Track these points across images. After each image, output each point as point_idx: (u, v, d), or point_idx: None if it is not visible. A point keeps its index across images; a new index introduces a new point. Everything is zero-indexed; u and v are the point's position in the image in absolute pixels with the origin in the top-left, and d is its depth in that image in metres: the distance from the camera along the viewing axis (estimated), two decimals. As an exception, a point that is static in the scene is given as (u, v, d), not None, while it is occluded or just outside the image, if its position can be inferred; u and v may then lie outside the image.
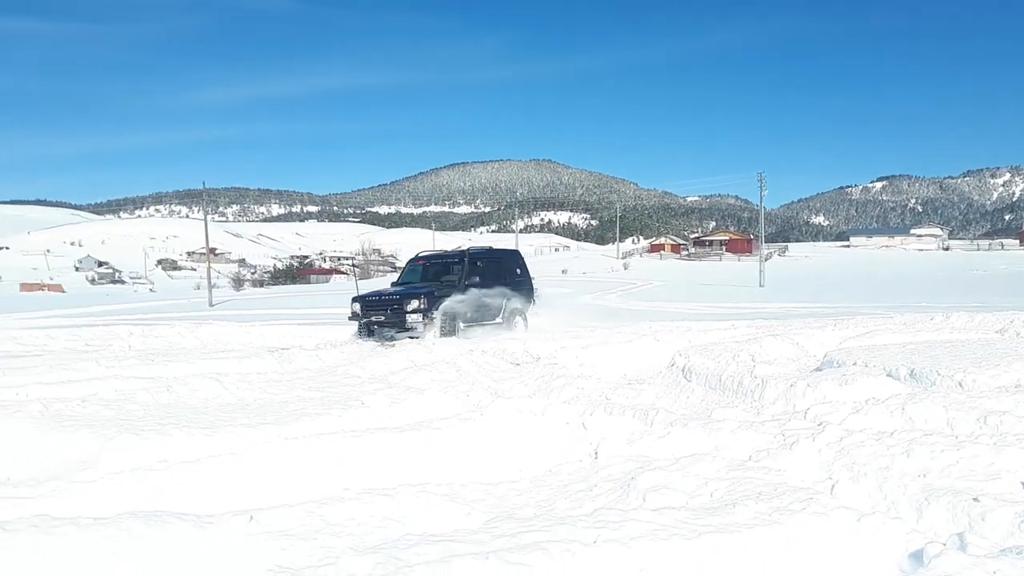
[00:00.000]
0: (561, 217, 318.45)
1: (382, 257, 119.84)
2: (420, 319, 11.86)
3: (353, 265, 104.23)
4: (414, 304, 11.89)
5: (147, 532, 2.84)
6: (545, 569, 2.37)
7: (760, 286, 40.45)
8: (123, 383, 6.21)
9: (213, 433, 4.33)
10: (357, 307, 12.60)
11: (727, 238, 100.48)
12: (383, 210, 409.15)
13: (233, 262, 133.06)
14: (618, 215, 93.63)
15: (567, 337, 14.21)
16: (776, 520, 2.76)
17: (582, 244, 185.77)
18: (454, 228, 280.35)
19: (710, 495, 3.20)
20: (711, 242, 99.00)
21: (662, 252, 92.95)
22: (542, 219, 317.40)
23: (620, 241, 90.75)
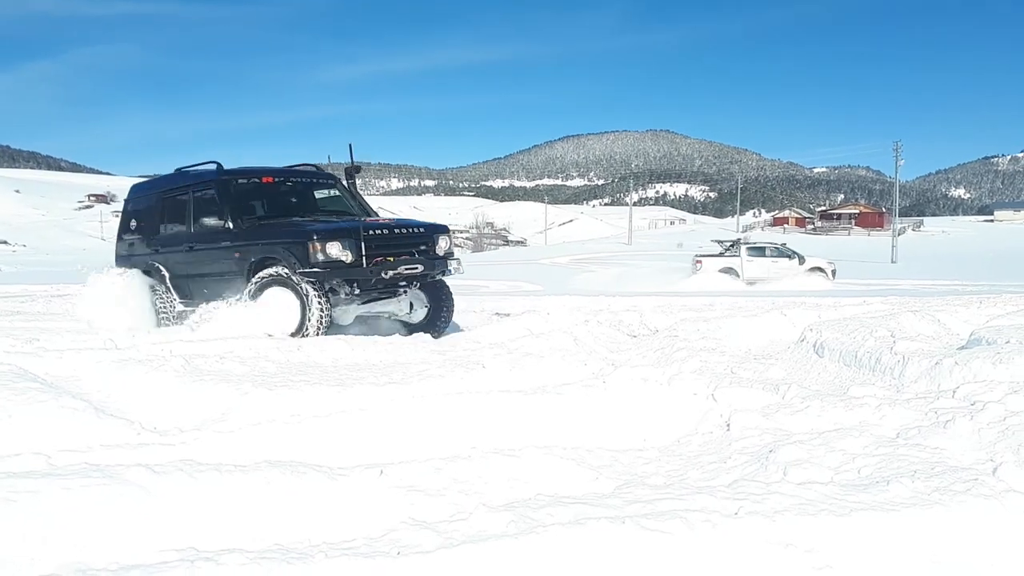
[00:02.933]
0: (678, 189, 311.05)
1: (495, 230, 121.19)
2: None
3: (467, 238, 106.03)
4: None
5: (284, 480, 2.92)
6: (684, 538, 2.25)
7: (892, 262, 38.19)
8: (257, 342, 6.51)
9: (343, 390, 4.45)
10: None
11: (856, 211, 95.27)
12: (497, 183, 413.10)
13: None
14: (738, 187, 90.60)
15: (685, 310, 13.86)
16: (938, 500, 2.52)
17: (700, 217, 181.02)
18: (566, 201, 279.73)
19: (858, 471, 2.97)
20: (839, 215, 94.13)
21: (785, 226, 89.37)
22: (657, 191, 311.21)
23: (740, 214, 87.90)
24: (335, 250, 7.52)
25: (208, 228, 8.54)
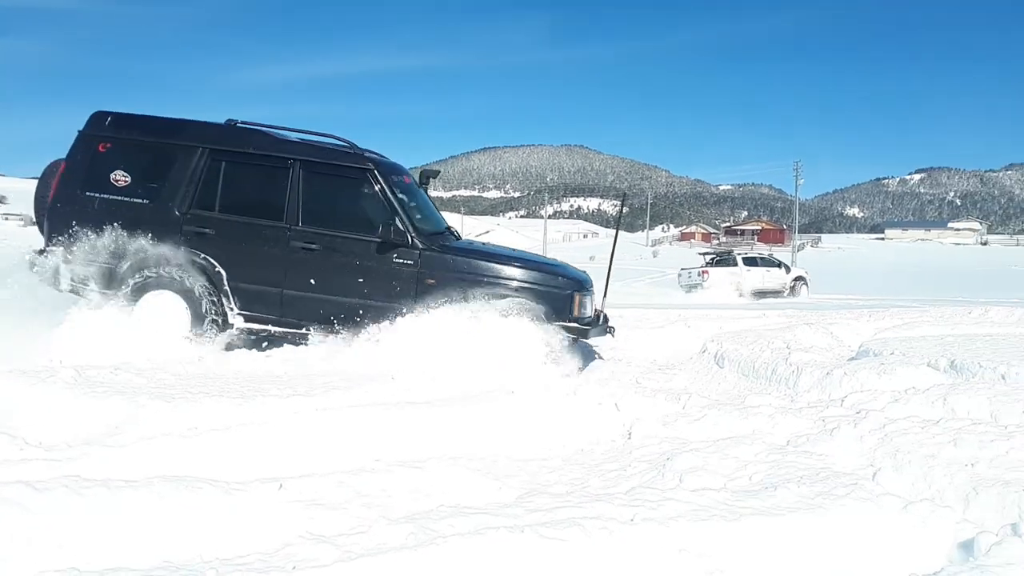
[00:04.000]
0: (591, 203, 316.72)
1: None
2: None
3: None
4: None
5: (177, 495, 2.82)
6: (581, 545, 2.30)
7: (792, 277, 39.82)
8: (156, 353, 6.24)
9: (244, 403, 4.32)
10: None
11: (759, 228, 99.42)
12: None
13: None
14: (648, 202, 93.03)
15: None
16: (820, 504, 2.66)
17: (612, 231, 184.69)
18: (483, 212, 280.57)
19: (749, 478, 3.10)
20: (743, 231, 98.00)
21: (692, 241, 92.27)
22: (572, 205, 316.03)
23: (650, 229, 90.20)
24: (588, 308, 6.87)
25: (355, 229, 6.56)
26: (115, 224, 6.48)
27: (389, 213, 6.48)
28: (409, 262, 6.43)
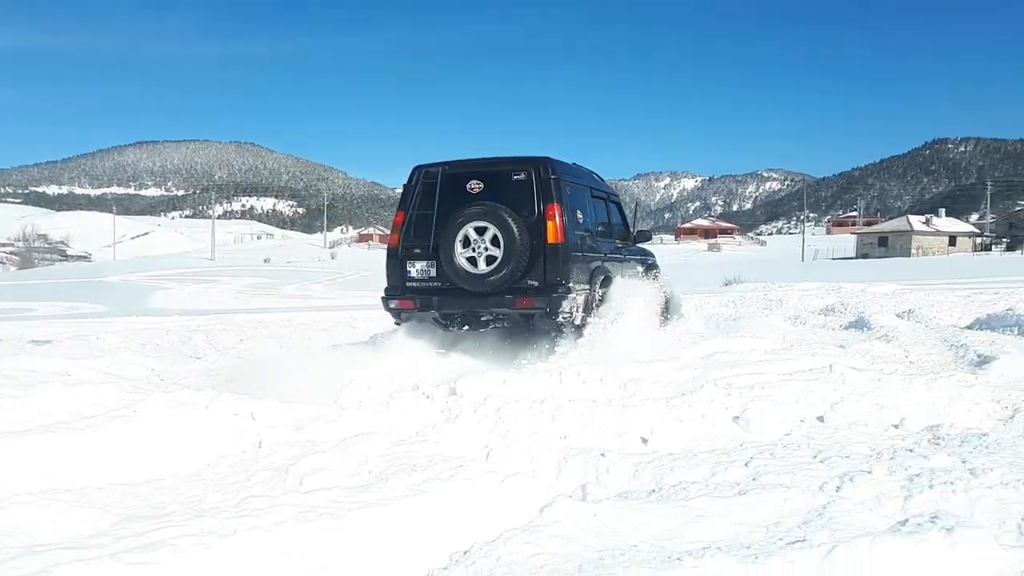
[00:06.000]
0: (265, 204, 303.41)
1: (50, 244, 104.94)
2: None
3: (11, 253, 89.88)
4: None
5: None
6: (173, 566, 2.19)
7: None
8: None
9: None
10: None
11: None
12: (52, 190, 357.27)
13: None
14: (325, 204, 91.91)
15: (262, 327, 13.61)
16: (425, 489, 2.86)
17: (288, 232, 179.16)
18: (141, 212, 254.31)
19: (369, 472, 3.23)
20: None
21: (370, 242, 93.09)
22: (244, 205, 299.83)
23: (328, 230, 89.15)
24: None
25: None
26: None
27: None
28: None
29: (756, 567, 2.12)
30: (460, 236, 6.19)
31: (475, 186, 6.44)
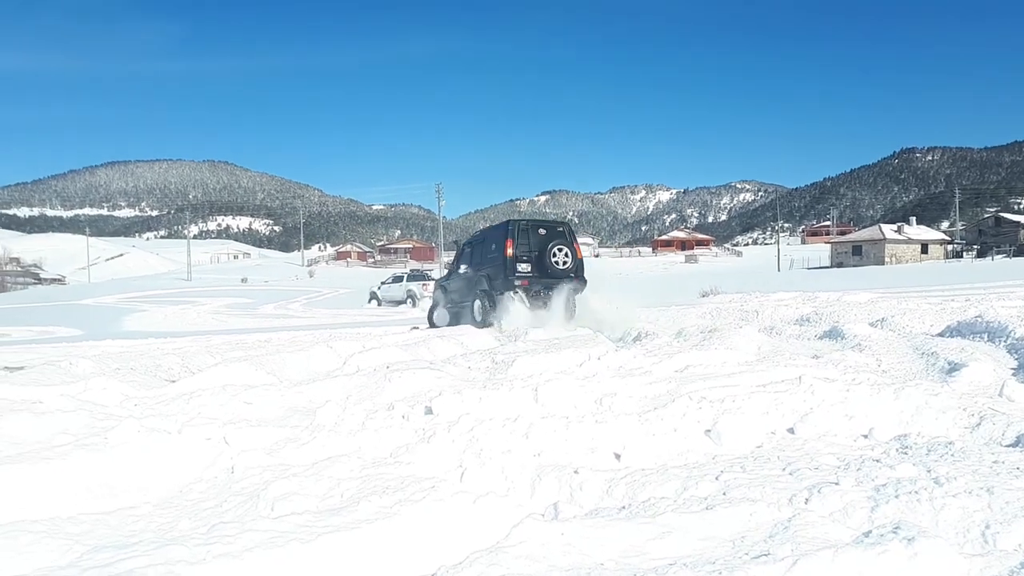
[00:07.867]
0: (241, 222, 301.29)
1: (22, 267, 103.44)
2: None
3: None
4: None
5: None
6: (139, 597, 2.18)
7: (439, 291, 42.22)
8: None
9: None
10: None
11: (411, 246, 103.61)
12: (23, 212, 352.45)
13: None
14: (302, 222, 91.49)
15: (239, 349, 13.48)
16: (396, 512, 2.86)
17: (265, 251, 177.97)
18: (115, 233, 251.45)
19: (341, 495, 3.22)
20: (396, 249, 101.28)
21: (348, 259, 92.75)
22: (219, 224, 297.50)
23: (306, 248, 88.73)
24: None
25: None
26: None
27: None
28: None
29: (722, 582, 2.15)
30: (553, 251, 13.08)
31: (541, 231, 13.46)
